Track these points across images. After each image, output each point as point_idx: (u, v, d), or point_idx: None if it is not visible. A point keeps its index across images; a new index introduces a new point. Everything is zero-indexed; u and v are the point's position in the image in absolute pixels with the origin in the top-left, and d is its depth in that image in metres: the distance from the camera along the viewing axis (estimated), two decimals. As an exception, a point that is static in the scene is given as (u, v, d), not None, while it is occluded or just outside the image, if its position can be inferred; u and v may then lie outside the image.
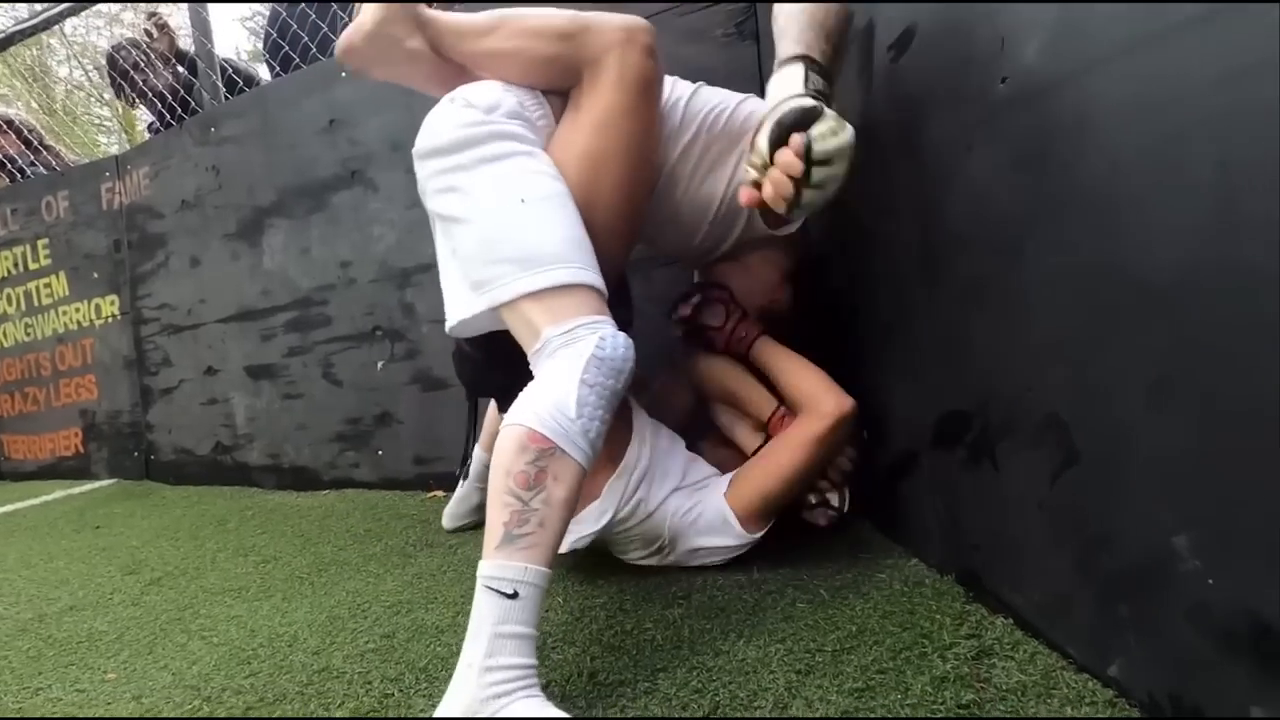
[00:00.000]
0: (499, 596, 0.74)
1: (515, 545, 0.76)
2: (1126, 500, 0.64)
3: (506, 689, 0.71)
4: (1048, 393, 0.72)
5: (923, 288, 0.94)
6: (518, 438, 0.80)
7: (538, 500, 0.78)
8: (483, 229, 0.92)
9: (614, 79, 0.98)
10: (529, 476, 0.79)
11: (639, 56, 0.98)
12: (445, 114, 0.98)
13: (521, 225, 0.90)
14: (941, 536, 0.98)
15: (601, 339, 0.85)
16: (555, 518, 0.79)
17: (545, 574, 0.77)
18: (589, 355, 0.83)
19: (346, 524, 1.72)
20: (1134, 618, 0.64)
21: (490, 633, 0.73)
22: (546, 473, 0.79)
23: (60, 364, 2.89)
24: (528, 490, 0.78)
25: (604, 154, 0.98)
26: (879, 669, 0.78)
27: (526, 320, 0.89)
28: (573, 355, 0.84)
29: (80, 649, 1.14)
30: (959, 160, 0.83)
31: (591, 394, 0.82)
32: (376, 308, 2.02)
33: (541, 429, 0.80)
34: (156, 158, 2.52)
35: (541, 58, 1.01)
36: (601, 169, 0.98)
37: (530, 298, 0.88)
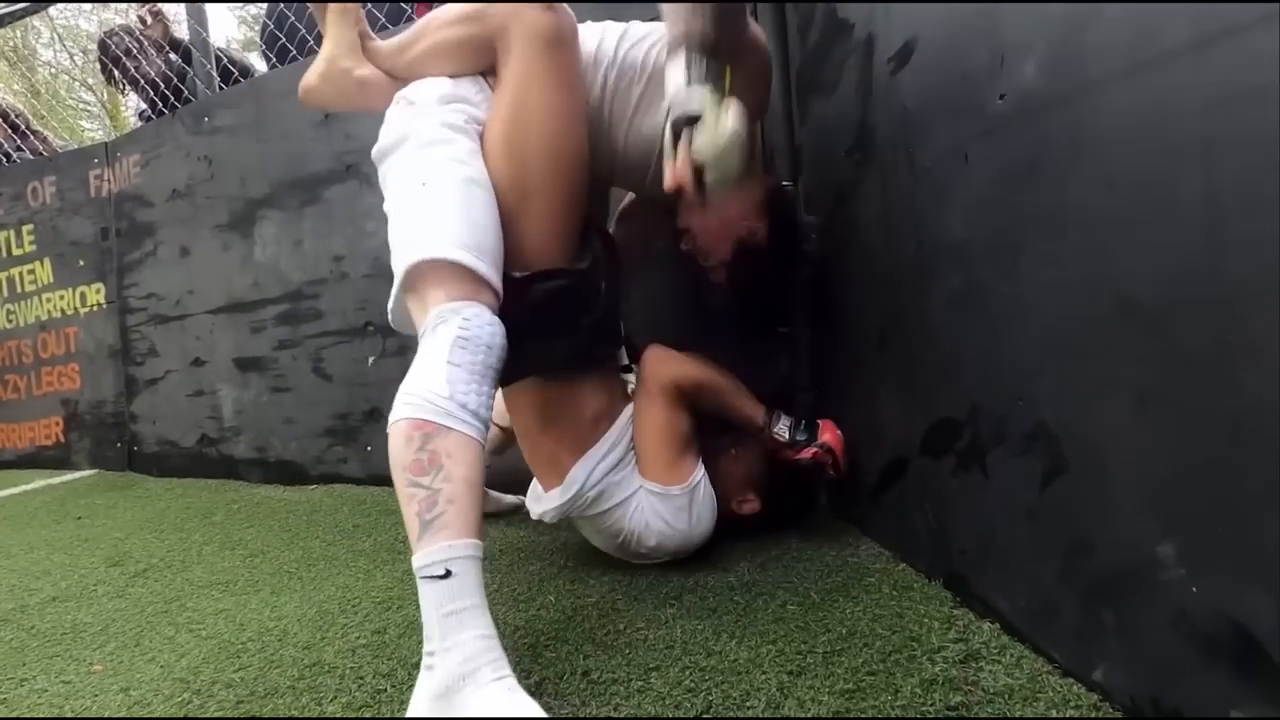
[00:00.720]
0: (434, 581, 0.75)
1: (432, 529, 0.78)
2: (1112, 509, 0.66)
3: (472, 667, 0.72)
4: (1037, 403, 0.74)
5: (916, 297, 0.96)
6: (402, 431, 0.82)
7: (438, 480, 0.79)
8: (396, 215, 0.98)
9: (518, 43, 1.00)
10: (422, 462, 0.80)
11: (536, 13, 0.99)
12: (390, 117, 1.05)
13: (418, 207, 0.94)
14: (930, 542, 1.00)
15: (464, 319, 0.87)
16: (462, 492, 0.80)
17: (473, 544, 0.78)
18: (453, 336, 0.85)
19: (334, 519, 1.71)
20: (1118, 624, 0.66)
21: (436, 617, 0.74)
22: (439, 453, 0.80)
23: (42, 352, 2.85)
24: (425, 475, 0.80)
25: (525, 118, 1.00)
26: (869, 671, 0.79)
27: (417, 305, 0.92)
28: (437, 339, 0.86)
29: (65, 640, 1.13)
30: (956, 172, 0.85)
31: (460, 370, 0.84)
32: (369, 303, 2.01)
33: (418, 415, 0.82)
34: (148, 146, 2.49)
35: (455, 43, 1.05)
36: (524, 134, 1.00)
37: (415, 278, 0.91)
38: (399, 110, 1.04)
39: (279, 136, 2.15)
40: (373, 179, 1.96)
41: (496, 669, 0.74)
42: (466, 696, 0.72)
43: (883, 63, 1.01)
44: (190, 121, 2.37)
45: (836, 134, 1.20)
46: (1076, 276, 0.67)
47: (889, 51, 0.99)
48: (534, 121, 1.00)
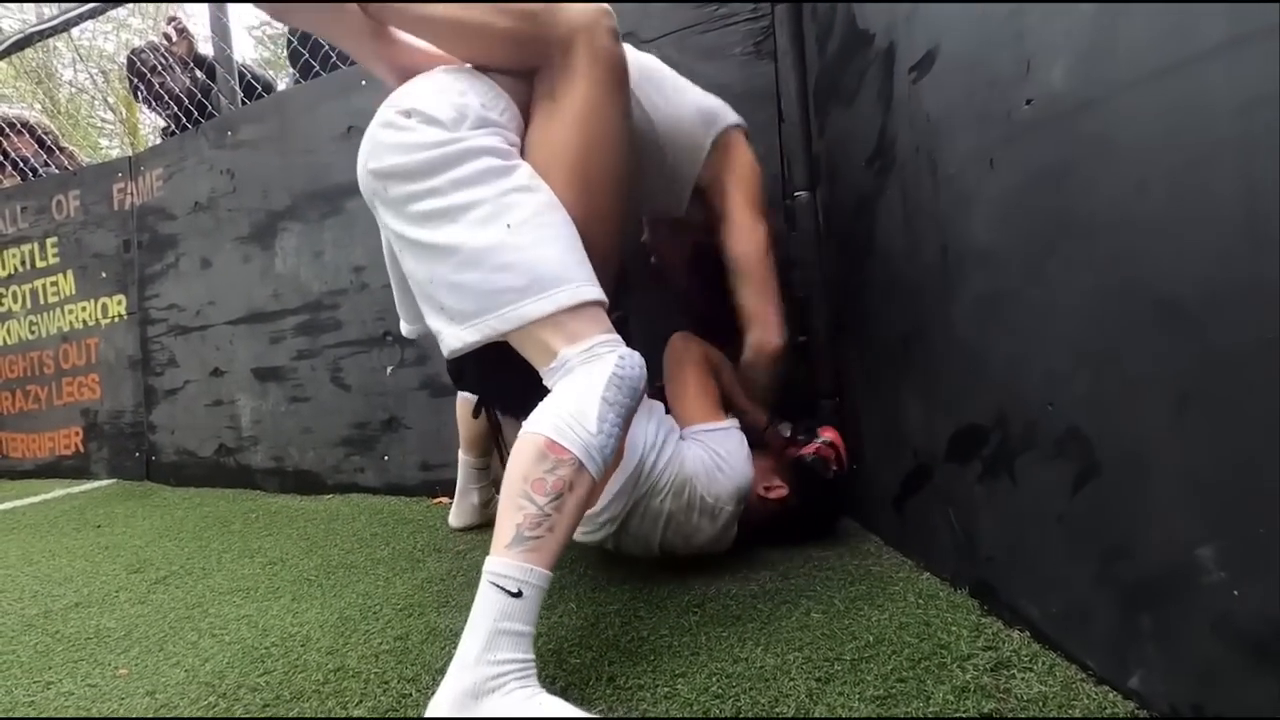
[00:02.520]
0: (503, 593, 0.76)
1: (524, 546, 0.78)
2: (1149, 512, 0.65)
3: (502, 682, 0.73)
4: (1069, 407, 0.74)
5: (941, 303, 0.96)
6: (537, 446, 0.81)
7: (551, 506, 0.79)
8: (468, 259, 0.88)
9: (587, 66, 0.94)
10: (545, 484, 0.80)
11: (609, 41, 0.95)
12: (406, 133, 0.91)
13: (514, 252, 0.87)
14: (955, 549, 0.99)
15: (621, 358, 0.86)
16: (565, 525, 0.80)
17: (548, 576, 0.79)
18: (610, 373, 0.84)
19: (352, 528, 1.72)
20: (1156, 629, 0.65)
21: (491, 627, 0.75)
22: (563, 481, 0.80)
23: (64, 362, 2.89)
24: (543, 496, 0.80)
25: (590, 148, 0.96)
26: (899, 678, 0.78)
27: (538, 342, 0.88)
28: (593, 372, 0.85)
29: (89, 645, 1.14)
30: (981, 179, 0.85)
31: (611, 411, 0.83)
32: (388, 313, 2.03)
33: (561, 440, 0.81)
34: (171, 160, 2.53)
35: (495, 31, 0.95)
36: (591, 165, 0.96)
37: (540, 323, 0.87)
38: (419, 130, 0.91)
39: (301, 150, 2.18)
40: (392, 191, 2.00)
41: (525, 683, 0.74)
42: (493, 702, 0.72)
43: (904, 72, 1.01)
44: (213, 135, 2.41)
45: (856, 143, 1.20)
46: (1109, 280, 0.67)
47: (910, 61, 0.99)
48: (610, 150, 0.97)
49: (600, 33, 0.95)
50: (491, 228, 0.88)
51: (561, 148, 0.95)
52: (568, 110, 0.96)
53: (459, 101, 0.94)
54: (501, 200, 0.89)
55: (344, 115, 2.07)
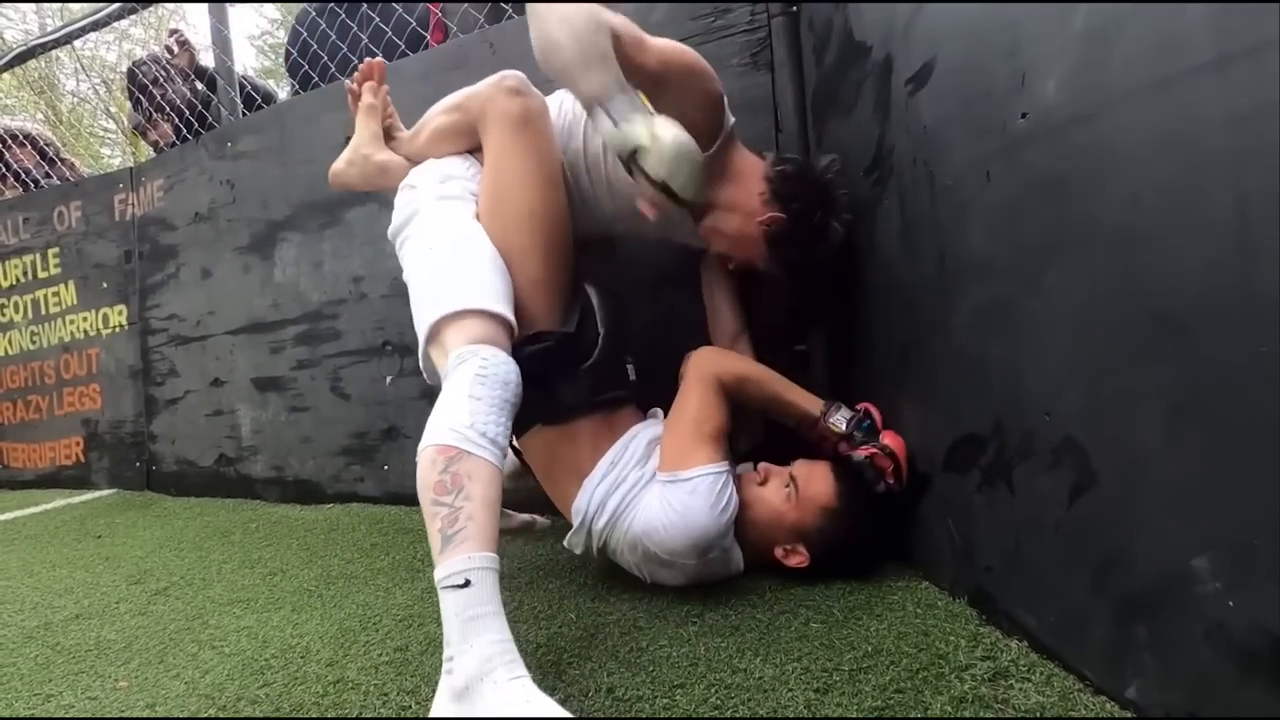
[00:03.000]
0: (455, 590, 0.80)
1: (453, 543, 0.83)
2: (1144, 522, 0.65)
3: (489, 668, 0.76)
4: (1065, 417, 0.74)
5: (938, 313, 0.97)
6: (428, 456, 0.89)
7: (459, 499, 0.85)
8: (413, 282, 1.10)
9: (494, 126, 1.16)
10: (445, 483, 0.86)
11: (505, 99, 1.15)
12: (398, 200, 1.23)
13: (428, 271, 1.07)
14: (954, 559, 0.99)
15: (482, 360, 0.95)
16: (480, 509, 0.85)
17: (490, 557, 0.83)
18: (472, 375, 0.94)
19: (352, 538, 1.72)
20: (1151, 639, 0.65)
21: (457, 623, 0.79)
22: (460, 474, 0.86)
23: (65, 373, 2.89)
24: (447, 494, 0.85)
25: (501, 189, 1.14)
26: (897, 689, 0.78)
27: (439, 356, 1.02)
28: (458, 378, 0.94)
29: (89, 657, 1.14)
30: (978, 190, 0.86)
31: (480, 404, 0.92)
32: (387, 322, 2.04)
33: (442, 440, 0.89)
34: (171, 170, 2.55)
35: (446, 129, 1.26)
36: (505, 203, 1.13)
37: (438, 330, 1.01)
38: (403, 194, 1.22)
39: (301, 160, 2.19)
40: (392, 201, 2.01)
41: (512, 670, 0.77)
42: (485, 694, 0.75)
43: (901, 83, 1.02)
44: (214, 146, 2.42)
45: (854, 154, 1.21)
46: (1104, 290, 0.68)
47: (907, 73, 1.00)
48: (514, 191, 1.13)
49: (498, 98, 1.16)
50: (422, 254, 1.10)
51: (483, 197, 1.17)
52: (487, 165, 1.18)
53: (433, 168, 1.24)
54: (433, 232, 1.12)
55: (343, 126, 2.06)
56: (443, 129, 1.26)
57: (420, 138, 1.31)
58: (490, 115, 1.16)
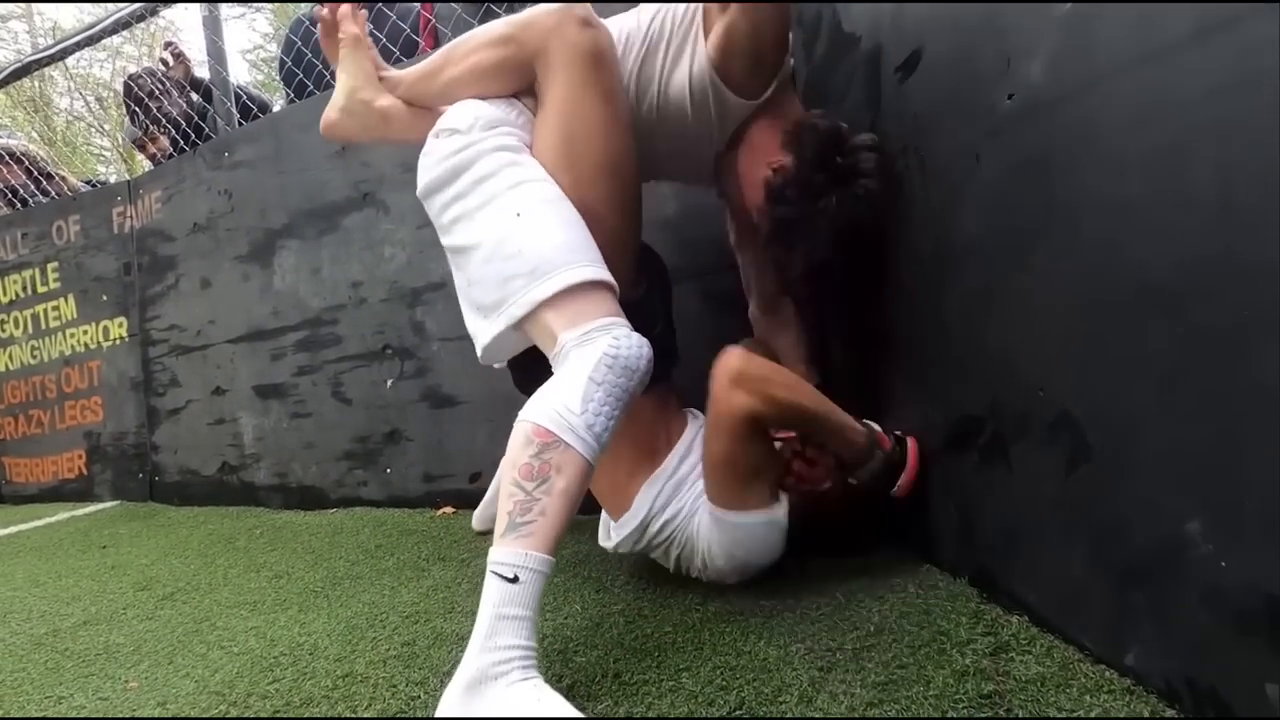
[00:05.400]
0: (501, 580, 0.79)
1: (518, 532, 0.81)
2: (1138, 491, 0.66)
3: (505, 669, 0.75)
4: (1059, 392, 0.76)
5: (934, 296, 0.98)
6: (524, 433, 0.85)
7: (539, 490, 0.82)
8: (488, 251, 0.95)
9: (562, 63, 1.01)
10: (532, 468, 0.83)
11: (576, 30, 1.00)
12: (433, 149, 1.03)
13: (522, 238, 0.93)
14: (955, 540, 1.00)
15: (615, 338, 0.88)
16: (556, 506, 0.82)
17: (546, 560, 0.81)
18: (600, 354, 0.86)
19: (357, 540, 1.73)
20: (1149, 605, 0.66)
21: (492, 614, 0.77)
22: (549, 464, 0.83)
23: (66, 386, 2.90)
24: (530, 480, 0.82)
25: (576, 136, 1.01)
26: (899, 664, 0.79)
27: (545, 329, 0.92)
28: (584, 355, 0.87)
29: (99, 660, 1.14)
30: (968, 172, 0.87)
31: (599, 390, 0.85)
32: (386, 326, 2.05)
33: (545, 423, 0.84)
34: (169, 182, 2.56)
35: (492, 66, 1.06)
36: (580, 152, 1.00)
37: (544, 306, 0.91)
38: (443, 142, 1.02)
39: (298, 168, 2.20)
40: (390, 206, 2.03)
41: (527, 673, 0.76)
42: (496, 691, 0.74)
43: (890, 72, 1.04)
44: (211, 157, 2.43)
45: (845, 144, 1.22)
46: (1093, 265, 0.69)
47: (896, 61, 1.02)
48: (590, 139, 1.01)
49: (568, 29, 1.00)
50: (503, 218, 0.95)
51: (548, 145, 1.02)
52: (551, 108, 1.03)
53: (475, 109, 1.04)
54: (511, 192, 0.96)
55: (340, 133, 2.10)
56: (486, 66, 1.06)
57: (444, 76, 1.10)
58: (557, 51, 1.00)
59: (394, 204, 2.02)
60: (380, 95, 1.17)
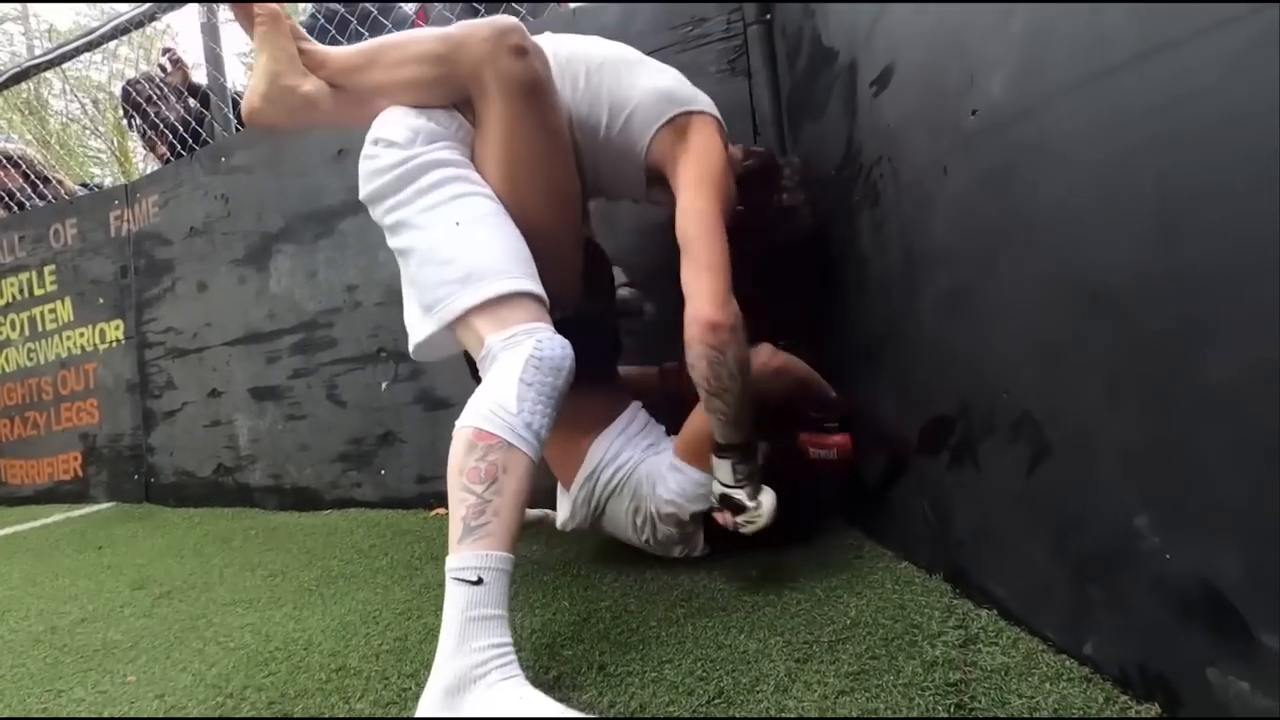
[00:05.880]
0: (465, 585, 0.79)
1: (474, 536, 0.82)
2: (1093, 487, 0.70)
3: (484, 670, 0.75)
4: (1022, 393, 0.79)
5: (908, 302, 1.01)
6: (466, 438, 0.87)
7: (490, 492, 0.84)
8: (426, 256, 0.99)
9: (496, 93, 1.02)
10: (479, 471, 0.85)
11: (510, 61, 1.00)
12: (374, 159, 1.03)
13: (459, 246, 0.96)
14: (929, 537, 1.03)
15: (538, 342, 0.91)
16: (509, 506, 0.85)
17: (507, 558, 0.83)
18: (526, 356, 0.90)
19: (351, 540, 1.75)
20: (1104, 597, 0.70)
21: (461, 618, 0.78)
22: (495, 465, 0.85)
23: (62, 388, 2.92)
24: (479, 484, 0.84)
25: (515, 162, 1.04)
26: (872, 655, 0.83)
27: (473, 332, 0.96)
28: (512, 358, 0.91)
29: (97, 656, 1.17)
30: (937, 184, 0.91)
31: (530, 390, 0.88)
32: (381, 329, 2.08)
33: (485, 426, 0.86)
34: (166, 186, 2.59)
35: (424, 83, 1.06)
36: (521, 177, 1.04)
37: (474, 312, 0.94)
38: (383, 153, 1.02)
39: (294, 173, 2.23)
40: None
41: (507, 672, 0.77)
42: (477, 694, 0.75)
43: (866, 86, 1.08)
44: (208, 161, 2.46)
45: (826, 153, 1.26)
46: (1049, 273, 0.73)
47: (871, 75, 1.05)
48: (530, 165, 1.04)
49: (501, 57, 1.00)
50: (442, 225, 0.98)
51: (490, 170, 1.05)
52: (490, 131, 1.05)
53: (414, 123, 1.04)
54: (452, 203, 0.99)
55: (335, 138, 2.13)
56: (417, 80, 1.06)
57: (373, 76, 1.08)
58: (492, 80, 1.01)
59: (389, 209, 2.05)
60: (304, 80, 1.10)
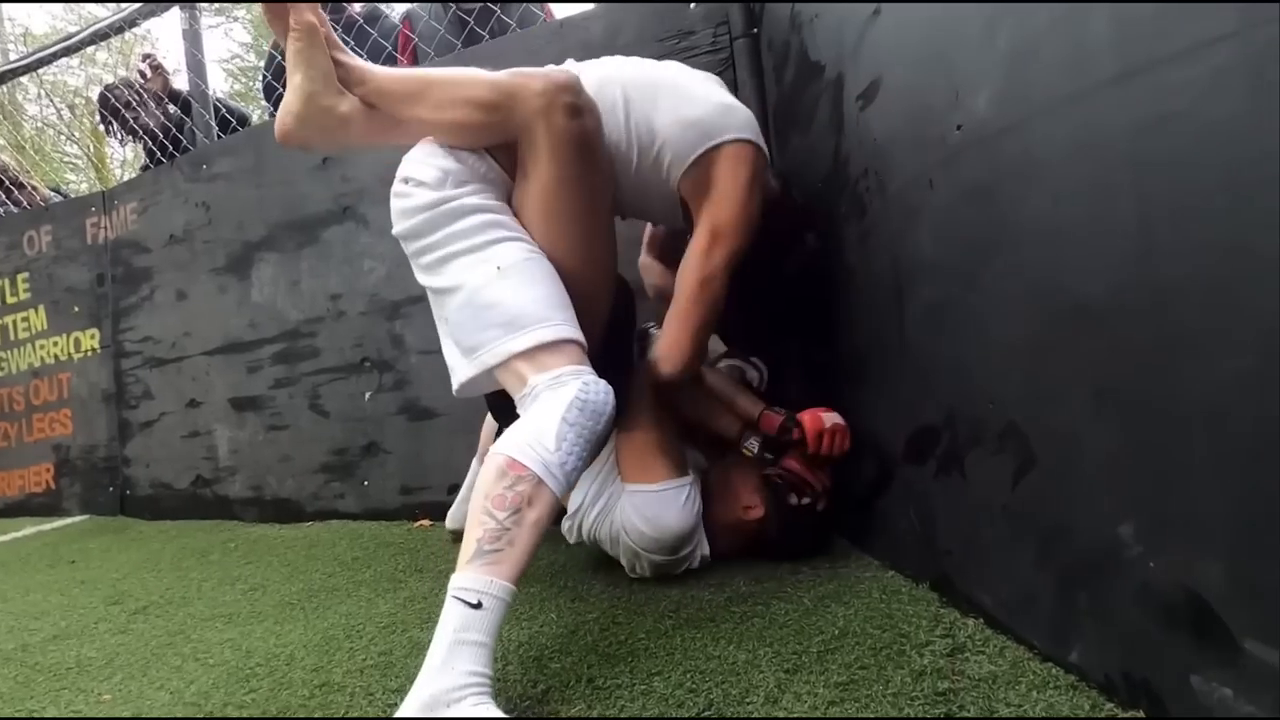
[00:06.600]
0: (464, 606, 0.79)
1: (485, 560, 0.82)
2: (1078, 497, 0.71)
3: (460, 695, 0.75)
4: (1007, 404, 0.80)
5: (894, 313, 1.03)
6: (499, 465, 0.88)
7: (510, 520, 0.84)
8: (466, 299, 0.99)
9: (547, 149, 1.02)
10: (505, 499, 0.85)
11: (564, 120, 1.01)
12: (407, 198, 1.04)
13: (501, 291, 0.97)
14: (916, 546, 1.04)
15: (585, 384, 0.93)
16: (525, 538, 0.85)
17: (509, 589, 0.82)
18: (572, 397, 0.91)
19: (333, 552, 1.73)
20: (1089, 605, 0.71)
21: (451, 638, 0.78)
22: (521, 496, 0.85)
23: (35, 399, 2.86)
24: (502, 510, 0.85)
25: (559, 215, 1.04)
26: (861, 665, 0.83)
27: (516, 374, 0.97)
28: (557, 397, 0.92)
29: (70, 674, 1.14)
30: (922, 197, 0.92)
31: (571, 431, 0.89)
32: (365, 339, 2.06)
33: (521, 458, 0.87)
34: (146, 193, 2.55)
35: (472, 129, 1.05)
36: (558, 231, 1.04)
37: (519, 357, 0.96)
38: (415, 193, 1.03)
39: (277, 181, 2.21)
40: (369, 219, 2.04)
41: (479, 700, 0.76)
42: (447, 712, 0.74)
43: (852, 100, 1.09)
44: (188, 169, 2.43)
45: (813, 166, 1.28)
46: (1034, 285, 0.74)
47: (857, 89, 1.07)
48: (572, 221, 1.05)
49: (556, 114, 1.00)
50: (482, 269, 0.99)
51: (530, 217, 1.05)
52: (535, 184, 1.04)
53: (443, 164, 1.05)
54: (492, 248, 1.00)
55: (320, 147, 2.11)
56: (464, 125, 1.04)
57: (416, 111, 1.06)
58: (543, 135, 1.01)
59: (374, 218, 2.04)
60: (341, 99, 1.07)
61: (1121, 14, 0.61)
